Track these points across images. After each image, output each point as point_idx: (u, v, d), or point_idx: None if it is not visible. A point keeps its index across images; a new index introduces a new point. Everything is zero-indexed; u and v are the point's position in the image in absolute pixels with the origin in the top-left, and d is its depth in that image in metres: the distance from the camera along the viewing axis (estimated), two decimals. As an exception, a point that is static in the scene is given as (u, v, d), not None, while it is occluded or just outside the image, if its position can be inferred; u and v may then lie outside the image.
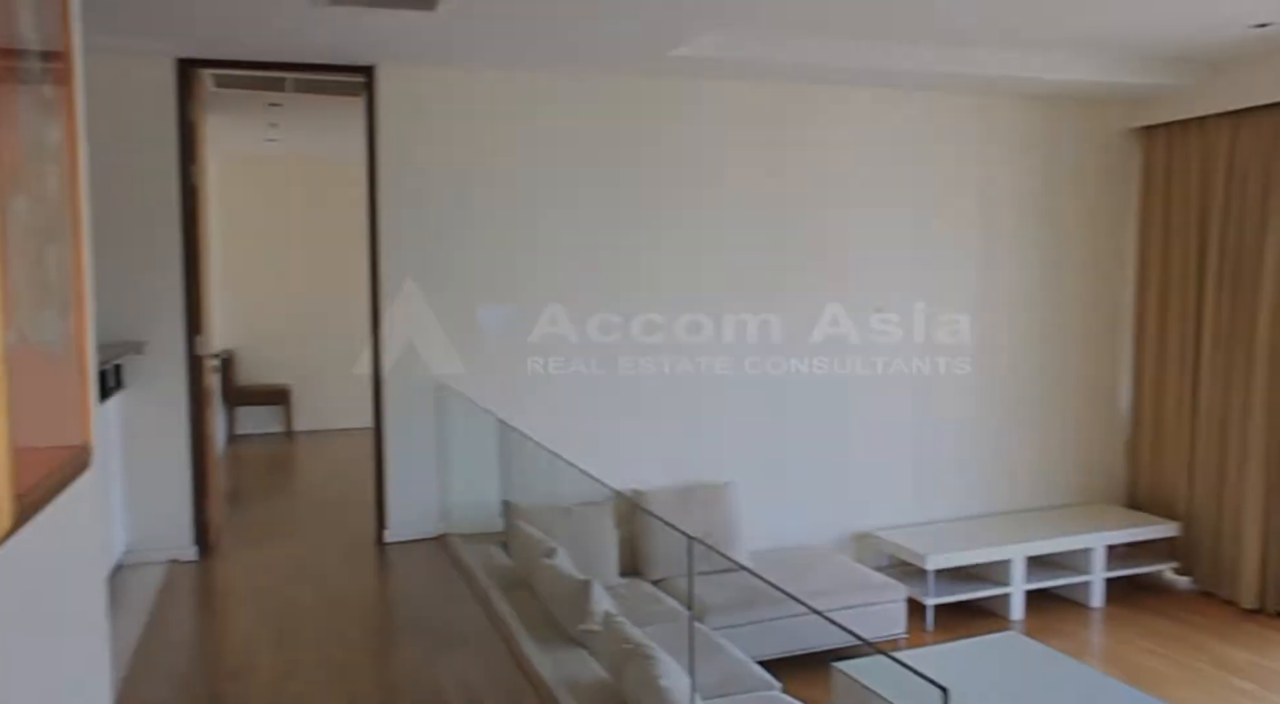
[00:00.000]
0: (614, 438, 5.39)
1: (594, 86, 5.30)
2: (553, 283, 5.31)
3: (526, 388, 5.27)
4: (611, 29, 4.45)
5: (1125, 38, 5.18)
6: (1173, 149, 6.11)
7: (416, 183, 5.11)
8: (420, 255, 5.13)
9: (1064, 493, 6.40)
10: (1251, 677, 4.84)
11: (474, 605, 4.22)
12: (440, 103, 5.12)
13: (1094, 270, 6.40)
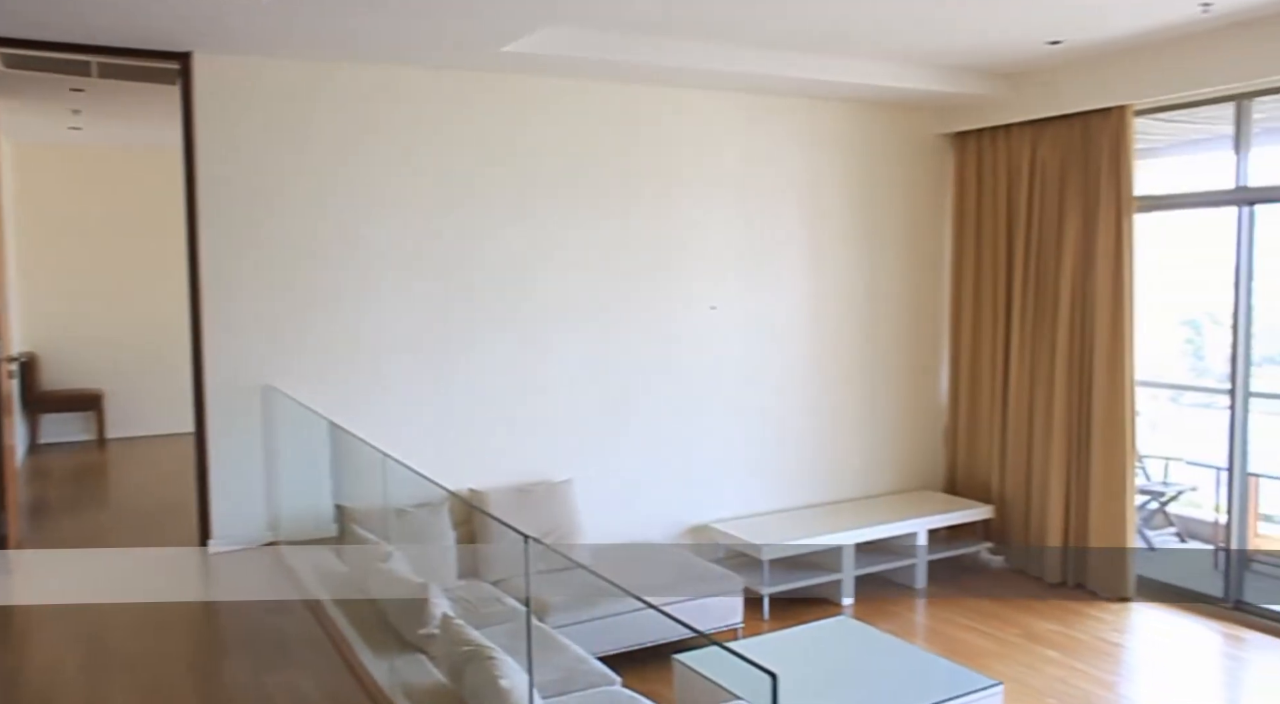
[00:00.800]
0: (451, 438, 5.30)
1: (427, 81, 5.18)
2: (385, 283, 5.16)
3: (360, 389, 5.11)
4: (440, 21, 4.36)
5: (936, 49, 5.47)
6: (982, 154, 6.49)
7: (239, 178, 4.87)
8: (245, 253, 4.90)
9: (889, 481, 6.70)
10: (1057, 646, 5.20)
11: (306, 615, 4.06)
12: (264, 94, 4.90)
13: (914, 269, 6.72)
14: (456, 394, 5.32)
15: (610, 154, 5.64)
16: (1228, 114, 5.48)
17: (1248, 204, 5.44)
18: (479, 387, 5.37)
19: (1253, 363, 5.82)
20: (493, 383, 5.40)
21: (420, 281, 5.23)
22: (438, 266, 5.26)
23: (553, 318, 5.54)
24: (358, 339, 5.11)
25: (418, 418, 5.22)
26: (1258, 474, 6.45)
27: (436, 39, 4.64)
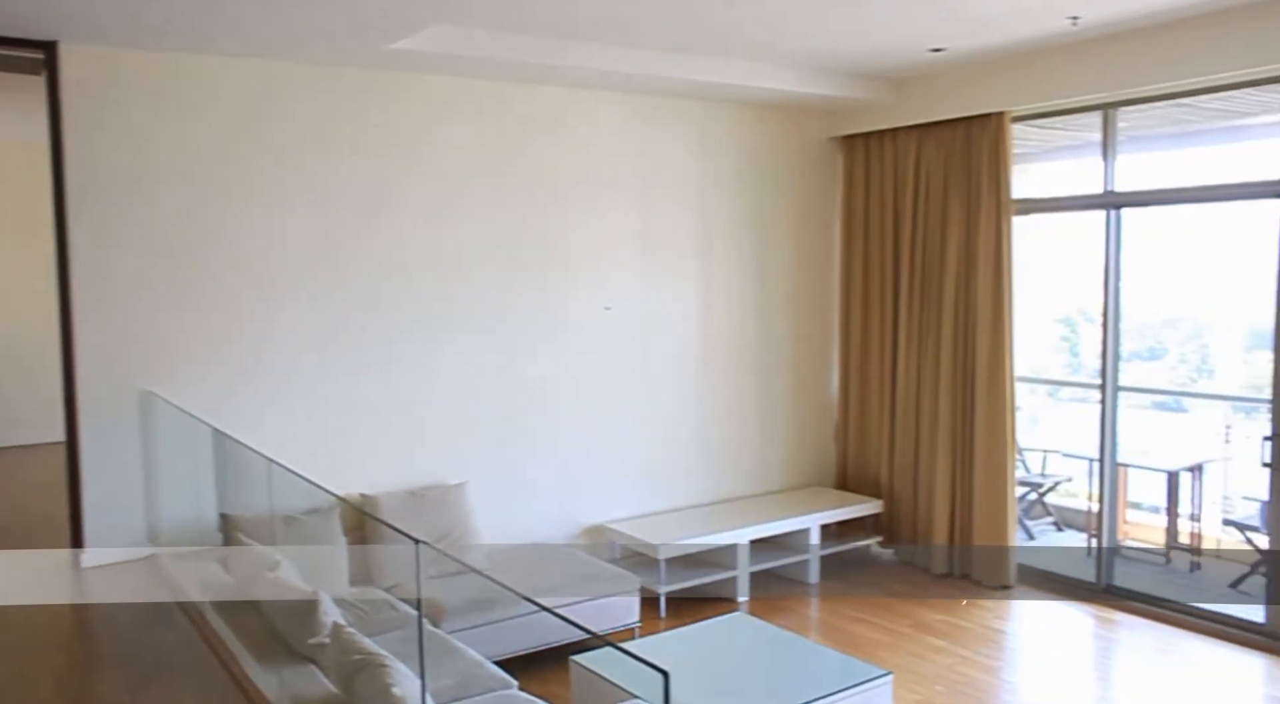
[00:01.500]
0: (342, 442, 5.18)
1: (316, 77, 5.05)
2: (272, 283, 5.01)
3: (246, 394, 4.95)
4: (325, 16, 4.25)
5: (825, 54, 5.59)
6: (869, 157, 6.66)
7: (111, 174, 4.66)
8: (119, 253, 4.69)
9: (782, 478, 6.82)
10: (944, 635, 5.36)
11: (188, 627, 3.91)
12: (139, 87, 4.70)
13: (805, 269, 6.86)
14: (347, 398, 5.20)
15: (505, 154, 5.59)
16: (1096, 122, 5.74)
17: (1115, 207, 5.71)
18: (370, 390, 5.26)
19: (1121, 358, 6.11)
20: (384, 386, 5.30)
21: (308, 282, 5.09)
22: (326, 267, 5.13)
23: (446, 319, 5.47)
24: (243, 342, 4.95)
25: (307, 423, 5.09)
26: (1126, 464, 6.78)
27: (320, 34, 4.52)
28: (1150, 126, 5.84)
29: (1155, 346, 9.68)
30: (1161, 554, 6.69)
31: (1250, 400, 7.12)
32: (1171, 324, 9.64)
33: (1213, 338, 9.37)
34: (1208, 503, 6.78)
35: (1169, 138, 6.03)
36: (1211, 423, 7.32)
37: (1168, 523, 6.68)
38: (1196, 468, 6.73)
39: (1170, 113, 5.65)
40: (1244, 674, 4.97)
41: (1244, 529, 5.98)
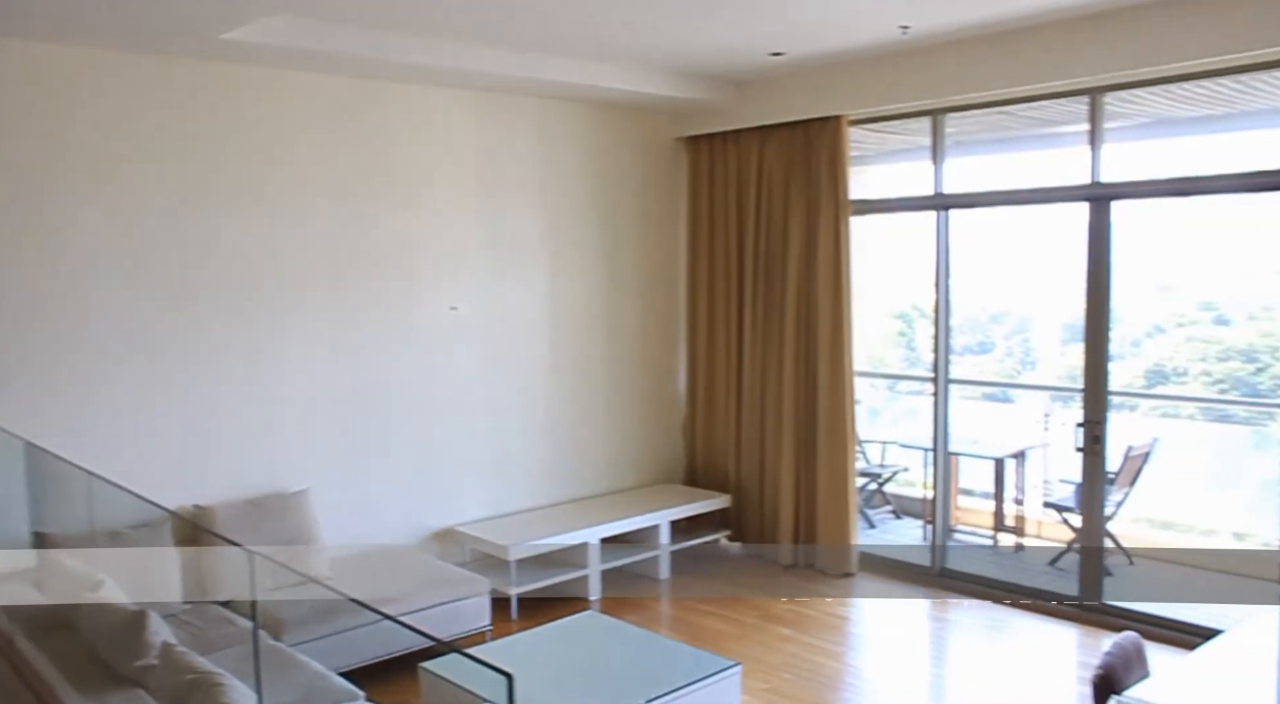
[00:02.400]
0: (174, 452, 4.91)
1: (143, 68, 4.75)
2: (92, 287, 4.69)
3: (64, 405, 4.61)
4: (151, 3, 4.02)
5: (669, 55, 5.66)
6: (713, 158, 6.78)
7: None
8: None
9: (632, 476, 6.87)
10: (791, 624, 5.52)
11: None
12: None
13: (651, 268, 6.92)
14: (179, 405, 4.93)
15: (346, 151, 5.42)
16: (926, 127, 6.02)
17: (944, 209, 6.00)
18: (204, 396, 5.00)
19: (953, 352, 6.42)
20: (220, 391, 5.05)
21: (134, 285, 4.80)
22: (155, 269, 4.85)
23: (285, 321, 5.26)
24: (60, 350, 4.61)
25: (134, 433, 4.79)
26: (958, 453, 7.15)
27: (146, 22, 4.27)
28: (974, 132, 6.17)
29: (985, 341, 10.24)
30: (990, 537, 7.08)
31: (1066, 390, 7.61)
32: (998, 319, 10.21)
33: (1035, 332, 9.98)
34: (1030, 487, 7.22)
35: (991, 143, 6.38)
36: (1033, 412, 7.78)
37: (995, 507, 7.07)
38: (1020, 454, 7.15)
39: (992, 119, 5.98)
40: (1062, 644, 5.31)
41: (1061, 510, 6.39)
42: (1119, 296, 9.24)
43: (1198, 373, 8.69)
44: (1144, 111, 5.55)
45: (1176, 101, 5.38)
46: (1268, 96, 5.02)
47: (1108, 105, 5.30)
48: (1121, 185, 5.29)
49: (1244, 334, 8.73)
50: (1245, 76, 4.87)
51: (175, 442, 4.92)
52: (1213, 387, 8.50)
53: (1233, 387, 8.41)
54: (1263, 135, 5.38)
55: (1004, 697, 4.67)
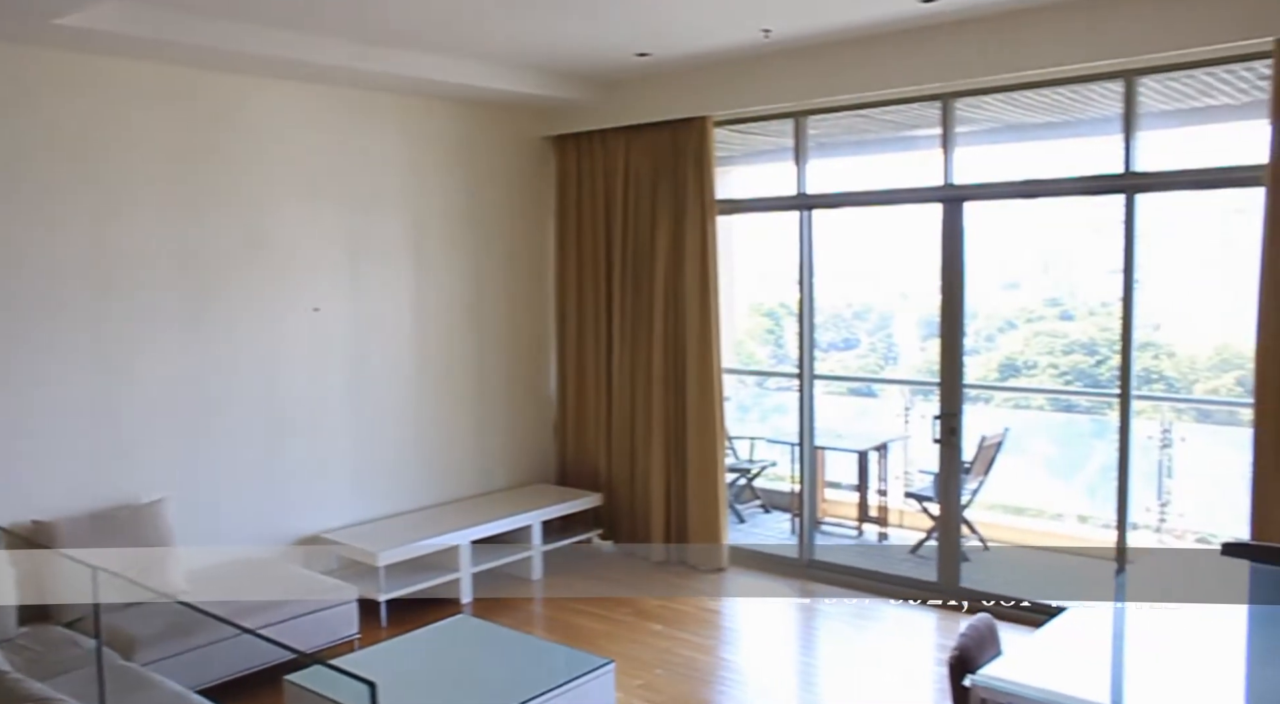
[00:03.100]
0: (9, 465, 4.61)
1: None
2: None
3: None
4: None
5: (535, 54, 5.64)
6: (581, 158, 6.78)
7: None
8: None
9: (503, 477, 6.81)
10: (664, 620, 5.57)
11: None
12: None
13: (520, 267, 6.88)
14: (14, 417, 4.63)
15: (197, 147, 5.19)
16: (789, 129, 6.15)
17: (807, 209, 6.15)
18: (44, 405, 4.71)
19: (819, 348, 6.59)
20: (63, 399, 4.76)
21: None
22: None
23: (135, 325, 5.00)
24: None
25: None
26: (824, 447, 7.34)
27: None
28: (835, 134, 6.34)
29: (849, 337, 10.56)
30: (855, 528, 7.30)
31: (925, 384, 7.92)
32: (861, 316, 10.55)
33: (897, 328, 10.35)
34: (893, 478, 7.47)
35: (851, 145, 6.57)
36: (895, 406, 8.07)
37: (859, 499, 7.30)
38: (882, 447, 7.39)
39: (852, 122, 6.16)
40: (923, 629, 5.52)
41: (921, 500, 6.64)
42: (973, 293, 9.65)
43: (1045, 366, 9.18)
44: (992, 117, 5.81)
45: (1022, 108, 5.66)
46: (1101, 106, 5.32)
47: (959, 110, 5.53)
48: (972, 187, 5.52)
49: (1085, 329, 9.26)
50: (1080, 87, 5.16)
51: (11, 454, 4.61)
52: (1059, 378, 8.98)
53: (1076, 378, 8.90)
54: (1098, 142, 5.69)
55: (869, 681, 4.82)
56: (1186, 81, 4.99)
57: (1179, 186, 5.00)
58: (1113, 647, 3.49)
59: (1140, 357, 8.60)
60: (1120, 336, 5.07)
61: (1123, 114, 4.93)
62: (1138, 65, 4.78)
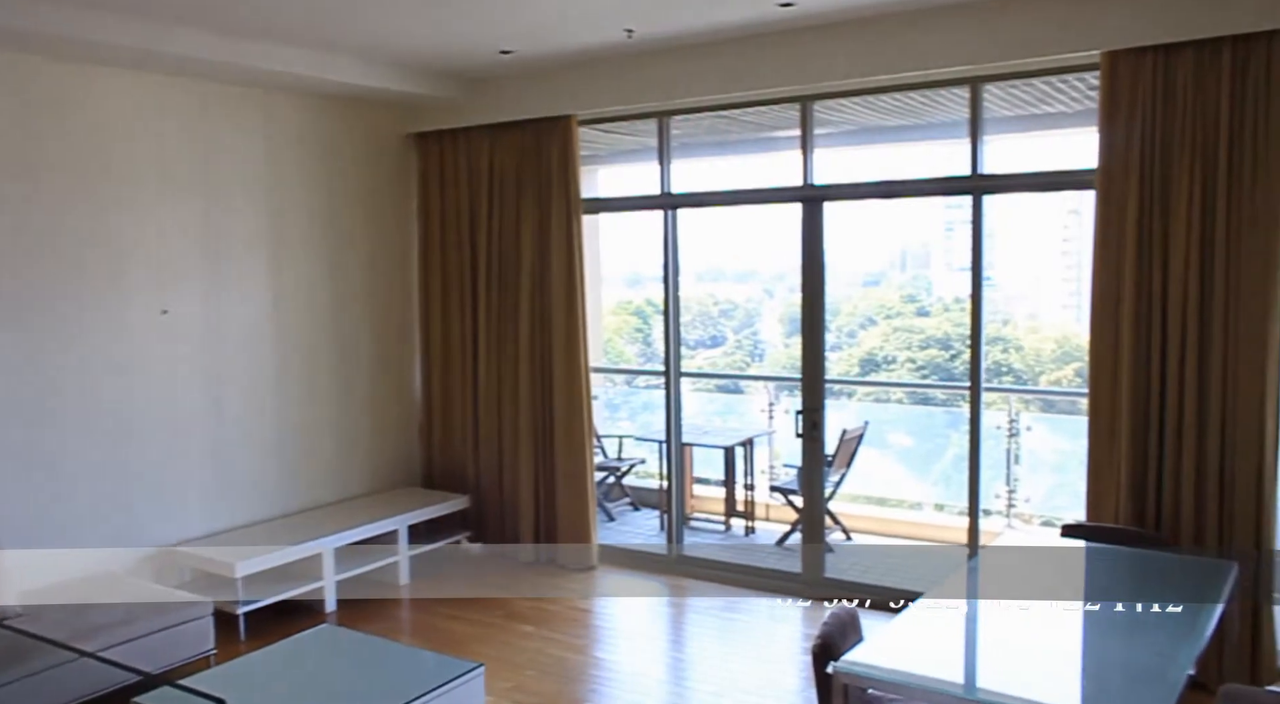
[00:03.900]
0: None
1: None
2: None
3: None
4: None
5: (394, 49, 5.52)
6: (444, 155, 6.67)
7: None
8: None
9: (368, 481, 6.64)
10: (534, 621, 5.53)
11: None
12: None
13: (384, 268, 6.72)
14: None
15: (35, 138, 4.88)
16: (654, 128, 6.20)
17: (671, 208, 6.21)
18: None
19: (687, 346, 6.66)
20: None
21: None
22: None
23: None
24: None
25: None
26: (691, 444, 7.44)
27: None
28: (699, 135, 6.43)
29: (717, 335, 10.73)
30: (722, 523, 7.42)
31: (788, 379, 8.11)
32: (728, 314, 10.74)
33: (762, 326, 10.58)
34: (759, 473, 7.62)
35: (715, 145, 6.68)
36: (761, 401, 8.23)
37: (726, 494, 7.42)
38: (748, 442, 7.53)
39: (714, 123, 6.26)
40: (789, 619, 5.65)
41: (786, 493, 6.79)
42: (835, 291, 9.95)
43: (904, 360, 9.53)
44: (850, 120, 6.00)
45: (878, 112, 5.86)
46: (950, 111, 5.56)
47: (818, 113, 5.68)
48: (831, 187, 5.68)
49: (940, 324, 9.66)
50: (931, 92, 5.37)
51: None
52: (916, 372, 9.34)
53: (932, 372, 9.28)
54: (949, 145, 5.94)
55: (738, 673, 4.90)
56: (1026, 89, 5.26)
57: (1021, 188, 5.26)
58: (966, 628, 3.65)
59: (990, 350, 9.05)
60: (970, 332, 5.30)
61: (970, 119, 5.15)
62: (982, 73, 5.01)
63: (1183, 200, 4.40)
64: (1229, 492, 4.39)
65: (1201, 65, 4.34)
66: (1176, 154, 4.41)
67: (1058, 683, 3.22)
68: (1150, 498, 4.57)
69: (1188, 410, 4.44)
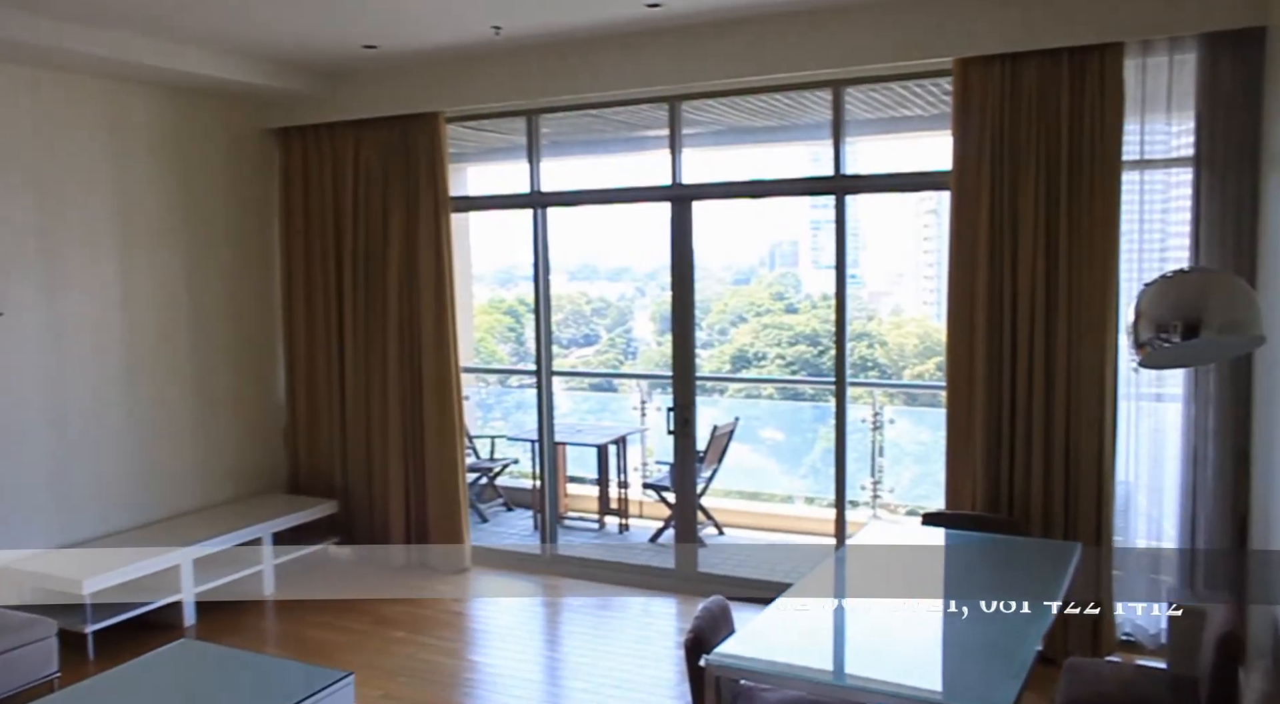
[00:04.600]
0: None
1: None
2: None
3: None
4: None
5: (253, 41, 5.33)
6: (308, 152, 6.47)
7: None
8: None
9: (231, 488, 6.40)
10: (406, 626, 5.43)
11: None
12: None
13: (244, 268, 6.48)
14: None
15: None
16: (523, 127, 6.16)
17: (541, 206, 6.18)
18: None
19: (561, 345, 6.64)
20: None
21: None
22: None
23: None
24: None
25: None
26: (564, 442, 7.42)
27: None
28: (569, 133, 6.41)
29: (590, 333, 10.75)
30: (596, 521, 7.43)
31: (660, 377, 8.18)
32: (600, 312, 10.77)
33: (636, 323, 10.65)
34: (632, 470, 7.67)
35: (585, 144, 6.67)
36: (634, 399, 8.28)
37: (600, 492, 7.43)
38: (621, 440, 7.56)
39: (585, 122, 6.25)
40: (663, 615, 5.70)
41: (659, 490, 6.85)
42: (707, 289, 10.09)
43: (774, 357, 9.74)
44: (717, 120, 6.08)
45: (745, 112, 5.95)
46: (815, 112, 5.70)
47: (686, 113, 5.74)
48: (700, 186, 5.75)
49: (809, 321, 9.91)
50: (796, 94, 5.49)
51: None
52: (785, 368, 9.56)
53: (801, 368, 9.51)
54: (814, 146, 6.09)
55: (614, 671, 4.91)
56: (886, 93, 5.44)
57: (881, 189, 5.44)
58: (834, 618, 3.74)
59: (856, 346, 9.34)
60: (835, 328, 5.45)
61: (832, 121, 5.29)
62: (844, 76, 5.16)
63: (1030, 200, 4.62)
64: (1073, 478, 4.64)
65: (1045, 74, 4.57)
66: (1024, 156, 4.63)
67: (921, 665, 3.34)
68: (1003, 485, 4.79)
69: (1036, 401, 4.67)
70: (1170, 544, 4.70)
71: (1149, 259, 4.65)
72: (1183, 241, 4.54)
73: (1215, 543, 4.44)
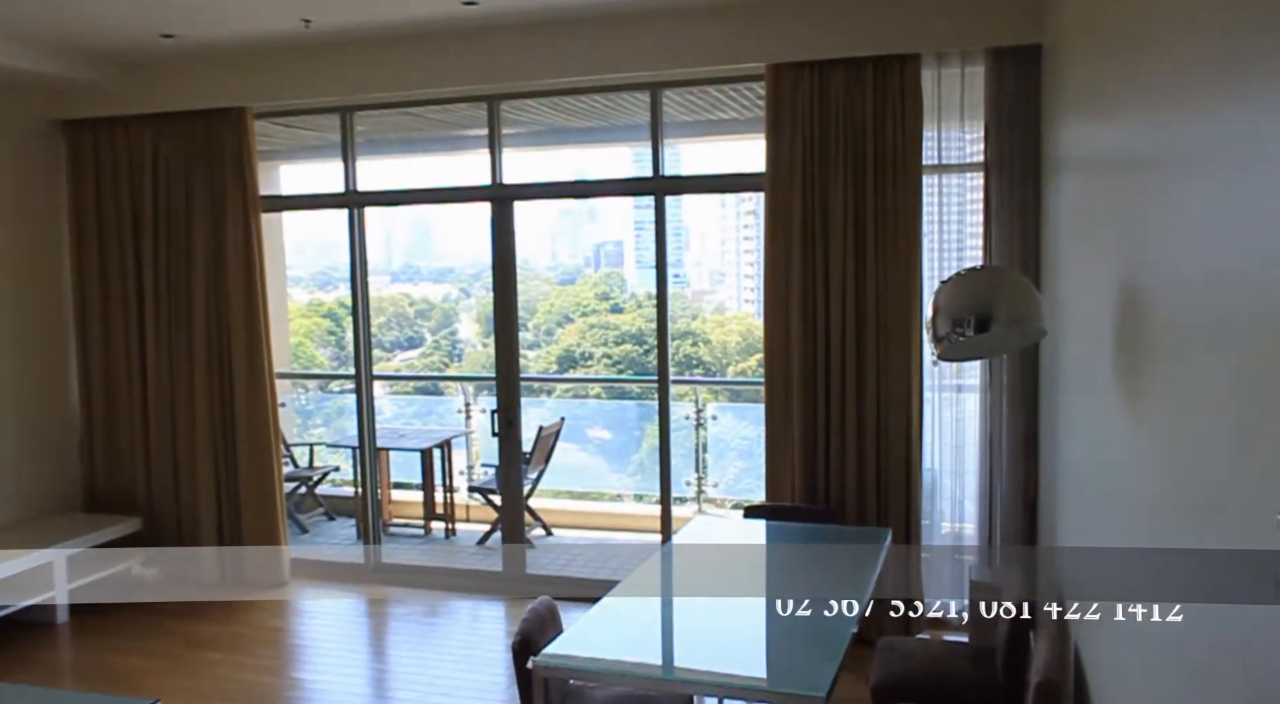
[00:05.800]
0: None
1: None
2: None
3: None
4: None
5: (30, 23, 4.93)
6: (100, 146, 6.04)
7: None
8: None
9: (15, 509, 5.90)
10: (219, 646, 5.16)
11: None
12: None
13: (26, 271, 5.99)
14: None
15: None
16: (336, 124, 5.96)
17: (357, 206, 6.00)
18: None
19: (381, 348, 6.46)
20: None
21: None
22: None
23: None
24: None
25: None
26: (386, 448, 7.25)
27: None
28: (386, 132, 6.26)
29: (414, 336, 10.52)
30: (422, 527, 7.29)
31: (483, 379, 8.10)
32: (424, 314, 10.57)
33: (461, 326, 10.51)
34: (457, 474, 7.56)
35: (403, 143, 6.53)
36: (459, 402, 8.17)
37: (425, 497, 7.29)
38: (445, 444, 7.43)
39: (403, 120, 6.11)
40: (492, 618, 5.64)
41: (485, 493, 6.78)
42: (532, 290, 10.06)
43: (601, 356, 9.81)
44: (537, 120, 6.07)
45: (565, 113, 5.97)
46: (634, 114, 5.77)
47: (505, 113, 5.69)
48: (521, 186, 5.71)
49: (634, 320, 10.03)
50: (615, 95, 5.55)
51: None
52: (612, 367, 9.65)
53: (628, 367, 9.61)
54: (634, 147, 6.17)
55: (443, 678, 4.83)
56: (702, 96, 5.56)
57: (699, 190, 5.57)
58: (661, 612, 3.80)
59: (681, 344, 9.52)
60: (657, 326, 5.53)
61: (650, 123, 5.37)
62: (660, 78, 5.24)
63: (839, 201, 4.83)
64: (884, 466, 4.88)
65: (851, 81, 4.78)
66: (833, 159, 4.83)
67: (746, 653, 3.43)
68: (820, 476, 4.98)
69: (849, 395, 4.88)
70: (972, 524, 5.02)
71: (948, 258, 4.95)
72: (978, 241, 4.85)
73: (1010, 520, 4.76)
